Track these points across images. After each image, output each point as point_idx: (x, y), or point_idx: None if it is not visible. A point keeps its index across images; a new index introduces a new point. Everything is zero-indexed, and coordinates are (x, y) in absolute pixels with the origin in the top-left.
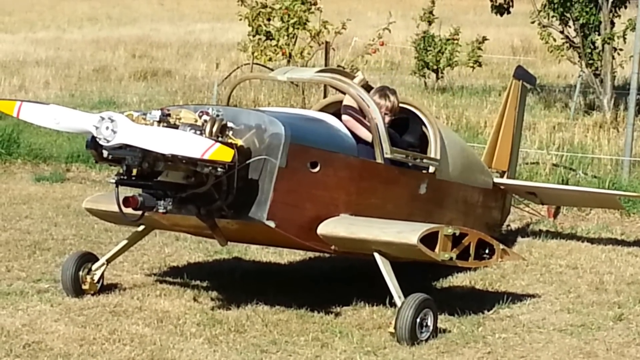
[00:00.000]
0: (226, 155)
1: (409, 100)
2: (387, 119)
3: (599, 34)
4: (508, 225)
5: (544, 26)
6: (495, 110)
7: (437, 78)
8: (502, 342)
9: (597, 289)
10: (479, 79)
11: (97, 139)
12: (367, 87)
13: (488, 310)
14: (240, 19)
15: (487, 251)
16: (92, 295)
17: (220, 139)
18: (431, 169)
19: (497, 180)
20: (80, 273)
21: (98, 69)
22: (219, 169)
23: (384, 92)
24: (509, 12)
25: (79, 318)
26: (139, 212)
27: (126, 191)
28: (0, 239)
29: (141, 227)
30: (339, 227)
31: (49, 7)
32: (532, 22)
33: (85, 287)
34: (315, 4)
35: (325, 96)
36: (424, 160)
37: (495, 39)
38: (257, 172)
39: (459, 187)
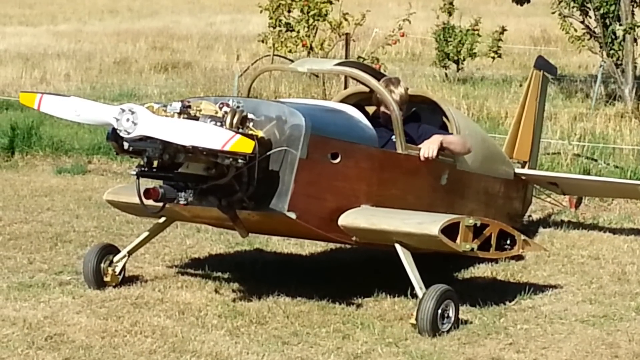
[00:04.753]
0: (247, 146)
1: (428, 92)
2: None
3: (620, 24)
4: (529, 216)
5: (564, 16)
6: (516, 101)
7: (458, 69)
8: (523, 333)
9: (619, 280)
10: (499, 70)
11: (118, 131)
12: (379, 76)
13: (510, 301)
14: (261, 11)
15: (508, 242)
16: (114, 287)
17: (240, 130)
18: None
19: (518, 170)
20: (102, 265)
21: (119, 61)
22: (240, 161)
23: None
24: (528, 1)
25: (101, 310)
26: (160, 204)
27: (147, 183)
28: (22, 231)
29: (162, 219)
30: (360, 218)
31: (70, 0)
32: (553, 13)
33: (107, 279)
34: None
35: (345, 87)
36: (440, 157)
37: (516, 30)
38: (278, 164)
39: (480, 177)
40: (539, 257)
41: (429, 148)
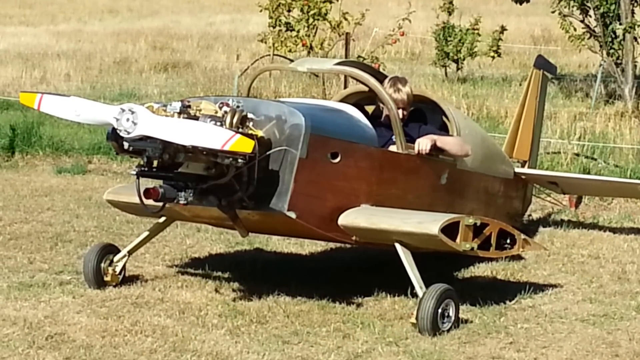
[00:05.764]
0: (246, 146)
1: (428, 92)
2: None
3: (620, 23)
4: (529, 215)
5: (564, 15)
6: (516, 100)
7: (458, 68)
8: (524, 332)
9: (619, 279)
10: (499, 69)
11: (118, 131)
12: (381, 77)
13: (510, 301)
14: (261, 10)
15: (508, 241)
16: (114, 286)
17: (240, 130)
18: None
19: (518, 170)
20: (102, 265)
21: (119, 61)
22: (240, 160)
23: (396, 85)
24: (528, 1)
25: (101, 310)
26: (160, 204)
27: (147, 183)
28: (23, 231)
29: (162, 219)
30: (360, 217)
31: (70, 0)
32: (553, 12)
33: (107, 278)
34: None
35: (345, 87)
36: (440, 157)
37: (516, 29)
38: (278, 163)
39: (480, 177)
40: (539, 257)
41: (422, 143)
